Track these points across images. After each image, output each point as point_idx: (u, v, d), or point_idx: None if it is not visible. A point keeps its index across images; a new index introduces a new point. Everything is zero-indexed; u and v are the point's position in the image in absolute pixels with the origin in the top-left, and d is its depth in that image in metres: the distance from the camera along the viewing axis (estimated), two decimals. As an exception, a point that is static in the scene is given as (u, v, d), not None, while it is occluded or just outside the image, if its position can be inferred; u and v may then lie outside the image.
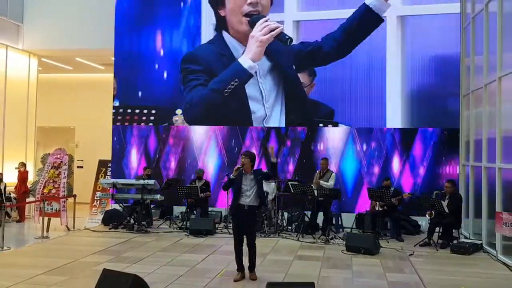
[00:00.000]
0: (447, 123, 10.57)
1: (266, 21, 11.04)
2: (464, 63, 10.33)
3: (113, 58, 12.26)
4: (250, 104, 11.27)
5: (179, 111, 11.71)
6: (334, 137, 11.01)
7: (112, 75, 12.28)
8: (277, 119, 11.24)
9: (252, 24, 11.13)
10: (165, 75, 11.83)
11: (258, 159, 10.82)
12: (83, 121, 14.89)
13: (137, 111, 11.97)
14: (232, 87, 11.17)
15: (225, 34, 11.46)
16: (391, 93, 10.77)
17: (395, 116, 10.77)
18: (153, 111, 11.88)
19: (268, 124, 11.27)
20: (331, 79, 11.04)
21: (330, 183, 9.67)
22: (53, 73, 14.91)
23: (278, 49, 11.10)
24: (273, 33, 10.97)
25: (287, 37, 10.95)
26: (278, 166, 11.05)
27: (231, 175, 6.45)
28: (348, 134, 10.95)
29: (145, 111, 11.91)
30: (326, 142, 11.04)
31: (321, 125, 11.07)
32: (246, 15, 11.21)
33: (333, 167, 10.53)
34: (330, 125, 11.02)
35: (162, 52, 11.87)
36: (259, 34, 11.00)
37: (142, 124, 11.96)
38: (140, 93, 11.95)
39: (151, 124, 11.91)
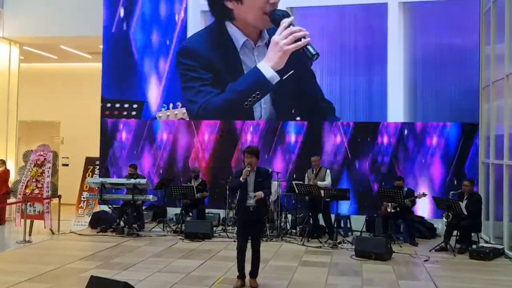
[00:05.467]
0: (464, 117, 10.53)
1: (290, 24, 10.66)
2: (484, 52, 10.28)
3: (101, 47, 12.22)
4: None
5: (164, 108, 11.74)
6: (335, 132, 11.02)
7: (100, 64, 12.24)
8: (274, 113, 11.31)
9: (273, 21, 10.85)
10: (156, 66, 11.83)
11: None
12: (69, 114, 14.85)
13: (126, 105, 11.96)
14: (254, 99, 10.94)
15: (228, 24, 11.29)
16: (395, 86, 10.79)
17: (397, 111, 10.78)
18: (144, 105, 11.88)
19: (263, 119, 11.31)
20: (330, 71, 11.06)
21: (328, 180, 9.67)
22: (36, 62, 14.88)
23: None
24: (299, 43, 10.52)
25: (313, 52, 10.46)
26: (277, 165, 11.11)
27: (241, 179, 6.33)
28: (350, 129, 10.95)
29: (135, 105, 11.91)
30: (327, 138, 11.04)
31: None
32: (267, 13, 10.90)
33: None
34: (328, 120, 11.06)
35: (152, 43, 11.87)
36: (283, 42, 10.61)
37: (133, 118, 11.96)
38: (131, 85, 11.94)
39: (142, 118, 11.91)
